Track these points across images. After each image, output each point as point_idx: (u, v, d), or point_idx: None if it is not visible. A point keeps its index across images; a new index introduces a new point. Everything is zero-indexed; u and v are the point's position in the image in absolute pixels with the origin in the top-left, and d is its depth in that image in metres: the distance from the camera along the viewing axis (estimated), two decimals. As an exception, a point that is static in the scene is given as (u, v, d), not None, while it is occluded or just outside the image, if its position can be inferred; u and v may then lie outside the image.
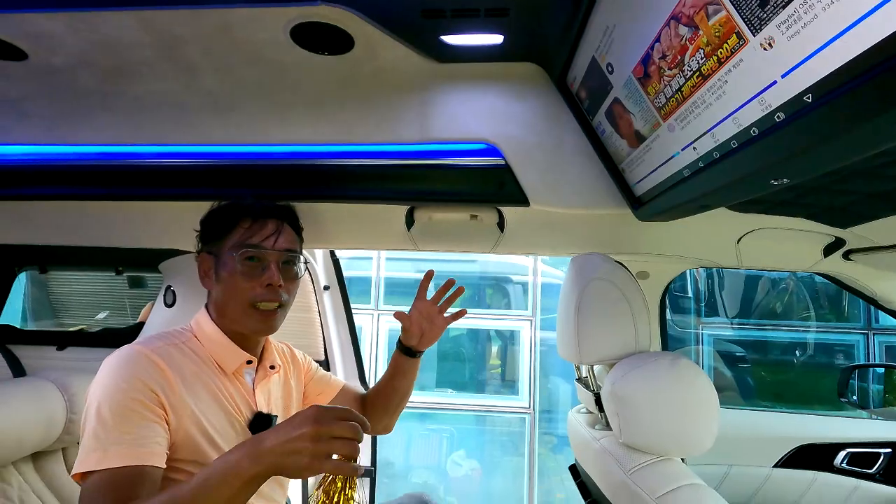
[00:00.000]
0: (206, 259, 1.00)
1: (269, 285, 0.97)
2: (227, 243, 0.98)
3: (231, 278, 0.96)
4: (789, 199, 1.05)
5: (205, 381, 0.92)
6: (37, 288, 2.28)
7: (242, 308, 0.96)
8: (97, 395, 0.82)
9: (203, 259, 1.01)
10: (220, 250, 0.99)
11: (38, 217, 1.41)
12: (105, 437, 0.78)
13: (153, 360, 0.86)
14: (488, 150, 1.12)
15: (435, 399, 4.03)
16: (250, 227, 0.99)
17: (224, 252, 0.98)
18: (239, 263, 0.96)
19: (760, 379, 4.16)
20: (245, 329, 0.98)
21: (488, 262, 4.24)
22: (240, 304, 0.96)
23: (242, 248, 0.97)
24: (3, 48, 1.00)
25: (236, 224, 0.99)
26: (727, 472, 1.62)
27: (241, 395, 0.98)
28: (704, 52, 0.61)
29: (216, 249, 0.99)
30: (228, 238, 0.99)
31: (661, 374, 0.93)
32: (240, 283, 0.96)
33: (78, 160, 1.24)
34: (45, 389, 1.21)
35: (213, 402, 0.93)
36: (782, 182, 0.64)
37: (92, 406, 0.81)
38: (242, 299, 0.96)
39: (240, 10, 0.87)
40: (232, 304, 0.96)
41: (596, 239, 1.33)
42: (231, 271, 0.96)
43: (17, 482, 1.16)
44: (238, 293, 0.96)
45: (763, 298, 4.17)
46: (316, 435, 0.67)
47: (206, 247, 1.02)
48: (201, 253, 1.02)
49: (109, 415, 0.79)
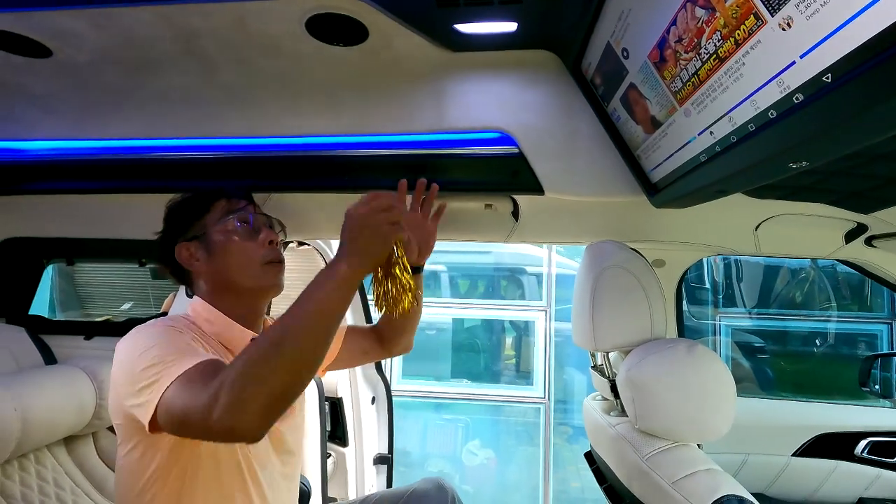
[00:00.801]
0: (186, 246, 0.99)
1: (271, 242, 1.00)
2: (210, 221, 0.99)
3: (232, 245, 0.97)
4: (809, 184, 1.03)
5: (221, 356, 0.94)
6: (64, 279, 2.35)
7: (257, 267, 0.97)
8: (139, 345, 0.82)
9: (184, 247, 0.99)
10: (203, 230, 0.99)
11: (65, 210, 1.46)
12: (172, 357, 0.78)
13: (179, 330, 0.88)
14: (502, 138, 1.13)
15: (450, 389, 4.06)
16: (227, 202, 1.01)
17: (211, 227, 0.99)
18: (235, 229, 0.98)
19: (780, 369, 4.10)
20: (264, 286, 0.99)
21: (503, 254, 4.23)
22: (253, 264, 0.97)
23: (233, 214, 0.99)
24: (30, 46, 1.03)
25: (211, 205, 1.01)
26: (745, 460, 1.61)
27: None
28: (721, 34, 0.60)
29: (197, 231, 0.99)
30: (207, 217, 1.00)
31: (678, 360, 0.93)
32: (244, 245, 0.97)
33: (102, 154, 1.28)
34: (76, 377, 1.25)
35: None
36: (801, 165, 0.63)
37: (136, 358, 0.81)
38: (252, 260, 0.97)
39: (256, 3, 0.88)
40: (244, 269, 0.97)
41: (611, 226, 1.33)
42: (229, 239, 0.97)
43: (52, 464, 1.21)
44: (248, 254, 0.97)
45: (783, 288, 4.10)
46: (373, 214, 0.77)
47: (182, 236, 1.00)
48: (179, 243, 0.99)
49: (165, 347, 0.80)
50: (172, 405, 0.74)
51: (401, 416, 3.84)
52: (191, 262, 0.99)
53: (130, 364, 0.81)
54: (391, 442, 2.30)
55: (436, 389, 4.02)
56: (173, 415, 0.74)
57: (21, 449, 1.08)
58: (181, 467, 0.86)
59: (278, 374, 0.69)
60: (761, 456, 1.62)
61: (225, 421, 0.67)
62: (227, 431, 0.69)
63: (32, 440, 1.11)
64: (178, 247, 0.99)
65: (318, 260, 1.94)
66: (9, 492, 1.09)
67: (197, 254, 0.98)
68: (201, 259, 0.99)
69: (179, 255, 0.99)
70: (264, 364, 0.69)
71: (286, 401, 0.71)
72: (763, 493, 1.62)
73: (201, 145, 1.23)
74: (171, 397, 0.74)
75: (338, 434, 2.13)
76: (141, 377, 0.79)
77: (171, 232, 1.02)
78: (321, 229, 1.49)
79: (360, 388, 2.17)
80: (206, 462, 0.88)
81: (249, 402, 0.67)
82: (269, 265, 0.99)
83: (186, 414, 0.72)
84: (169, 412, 0.74)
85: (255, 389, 0.68)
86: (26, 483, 1.13)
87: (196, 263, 0.99)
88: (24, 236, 1.56)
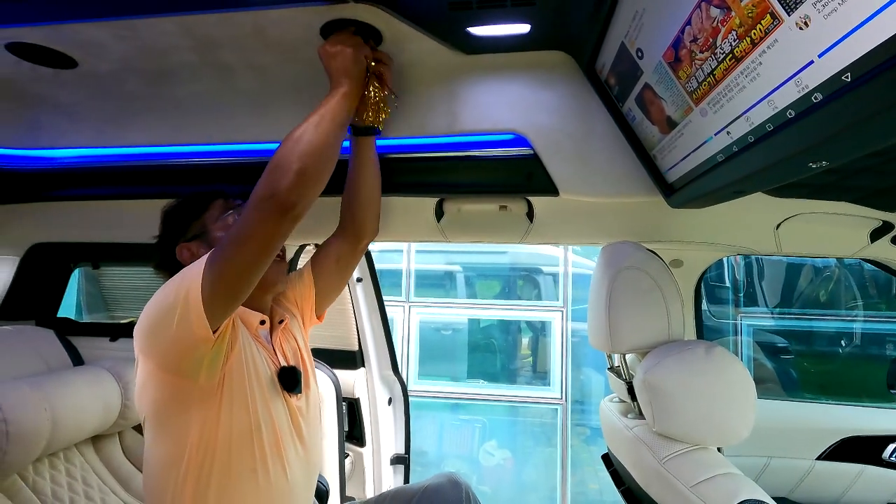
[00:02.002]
0: (188, 246, 1.02)
1: None
2: (209, 219, 1.03)
3: None
4: (831, 182, 1.01)
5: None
6: (89, 283, 2.42)
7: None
8: (174, 289, 0.86)
9: (185, 248, 1.02)
10: (203, 228, 1.03)
11: (90, 216, 1.50)
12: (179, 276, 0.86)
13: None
14: (516, 140, 1.13)
15: (467, 390, 4.07)
16: (225, 201, 1.05)
17: (211, 225, 1.02)
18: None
19: (804, 370, 4.01)
20: (269, 280, 1.00)
21: (519, 254, 4.22)
22: None
23: (233, 210, 1.03)
24: (56, 57, 1.06)
25: (209, 204, 1.05)
26: (767, 464, 1.58)
27: (262, 353, 1.02)
28: (737, 33, 0.60)
29: (197, 230, 1.03)
30: (206, 216, 1.03)
31: (696, 362, 0.92)
32: None
33: (124, 161, 1.31)
34: (102, 377, 1.29)
35: (249, 355, 0.98)
36: (821, 165, 0.62)
37: (165, 301, 0.86)
38: None
39: (273, 11, 0.90)
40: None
41: (627, 227, 1.32)
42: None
43: (80, 462, 1.25)
44: None
45: (806, 286, 4.01)
46: (335, 44, 0.93)
47: (182, 237, 1.03)
48: (180, 244, 1.02)
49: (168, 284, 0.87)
50: (220, 253, 0.84)
51: (417, 416, 3.86)
52: (192, 258, 1.01)
53: (156, 307, 0.87)
54: (408, 442, 2.31)
55: (452, 390, 4.03)
56: (226, 253, 0.84)
57: (51, 447, 1.12)
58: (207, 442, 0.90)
59: (303, 158, 0.84)
60: (784, 460, 1.58)
61: (274, 193, 0.82)
62: (278, 202, 0.82)
63: (62, 439, 1.14)
64: (179, 248, 1.02)
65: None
66: (41, 489, 1.12)
67: (198, 252, 1.01)
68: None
69: (181, 256, 1.02)
70: (291, 151, 0.85)
71: (313, 173, 0.86)
72: (786, 497, 1.59)
73: (220, 151, 1.26)
74: (213, 260, 0.84)
75: (355, 434, 2.15)
76: (170, 299, 0.85)
77: (170, 234, 1.05)
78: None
79: (376, 389, 2.19)
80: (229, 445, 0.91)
81: (285, 175, 0.83)
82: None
83: (242, 233, 0.83)
84: (222, 258, 0.84)
85: (288, 166, 0.83)
86: (56, 480, 1.17)
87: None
88: (52, 241, 1.62)
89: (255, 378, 0.96)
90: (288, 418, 1.01)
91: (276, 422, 0.97)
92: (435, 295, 4.25)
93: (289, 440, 1.00)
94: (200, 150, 1.27)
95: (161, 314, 0.86)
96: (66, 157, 1.35)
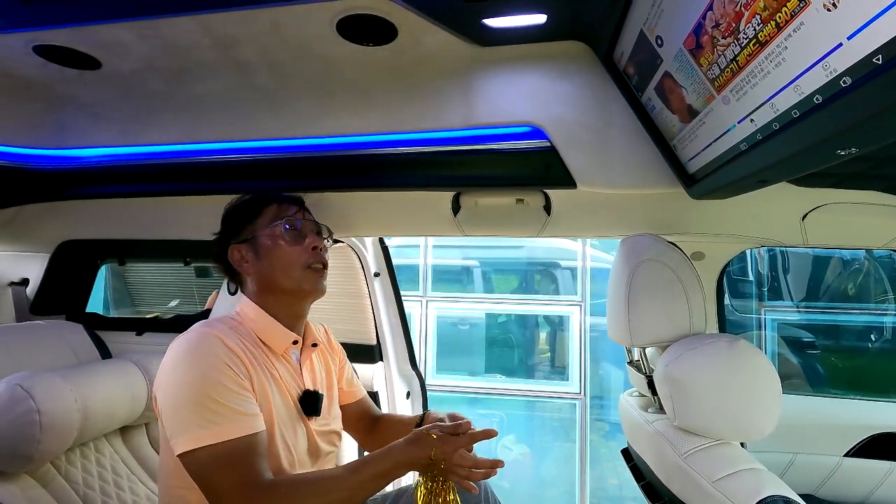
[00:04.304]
0: (238, 248, 1.05)
1: (315, 248, 1.04)
2: (259, 225, 1.05)
3: (278, 249, 1.03)
4: (860, 170, 0.98)
5: (261, 361, 0.98)
6: (116, 279, 2.49)
7: (299, 271, 1.02)
8: (182, 376, 0.87)
9: (235, 249, 1.06)
10: (253, 233, 1.05)
11: (115, 213, 1.54)
12: (215, 411, 0.84)
13: (224, 341, 0.91)
14: (533, 132, 1.11)
15: (484, 384, 4.07)
16: (278, 208, 1.07)
17: (260, 231, 1.04)
18: (282, 234, 1.03)
19: (831, 365, 3.90)
20: (305, 289, 1.03)
21: (536, 248, 4.19)
22: (296, 268, 1.02)
23: (281, 220, 1.04)
24: (80, 58, 1.09)
25: (261, 210, 1.07)
26: (792, 461, 1.55)
27: (290, 373, 1.04)
28: (761, 17, 0.58)
29: (248, 234, 1.05)
30: (258, 221, 1.05)
31: (718, 356, 0.90)
32: (289, 249, 1.03)
33: (146, 159, 1.34)
34: (129, 370, 1.32)
35: (271, 380, 0.99)
36: (850, 152, 0.60)
37: (180, 387, 0.86)
38: (297, 263, 1.02)
39: (289, 8, 0.91)
40: (287, 272, 1.02)
41: (646, 219, 1.30)
42: (275, 244, 1.03)
43: (109, 452, 1.28)
44: (292, 258, 1.02)
45: (833, 279, 3.89)
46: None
47: (234, 238, 1.06)
48: (231, 245, 1.06)
49: (209, 391, 0.85)
50: (200, 466, 0.84)
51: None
52: (241, 264, 1.06)
53: (174, 384, 0.88)
54: (426, 436, 2.32)
55: (470, 384, 4.03)
56: (204, 478, 0.84)
57: (82, 438, 1.16)
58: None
59: None
60: (811, 456, 1.55)
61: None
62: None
63: (92, 430, 1.18)
64: (231, 248, 1.06)
65: (353, 257, 1.98)
66: (72, 477, 1.16)
67: (247, 256, 1.05)
68: (250, 261, 1.05)
69: (231, 257, 1.06)
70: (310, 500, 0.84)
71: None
72: (812, 494, 1.55)
73: (238, 148, 1.28)
74: (198, 459, 0.83)
75: (374, 428, 2.16)
76: (174, 408, 0.86)
77: (226, 234, 1.09)
78: (356, 227, 1.51)
79: (395, 383, 2.20)
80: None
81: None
82: (310, 269, 1.03)
83: (220, 490, 0.83)
84: (200, 475, 0.84)
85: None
86: (87, 470, 1.21)
87: (245, 265, 1.05)
88: (80, 238, 1.66)
89: (274, 407, 0.96)
90: (305, 440, 1.02)
91: (293, 445, 0.98)
92: (452, 290, 4.25)
93: (305, 461, 1.02)
94: (219, 148, 1.29)
95: (163, 400, 0.89)
96: (91, 156, 1.38)
